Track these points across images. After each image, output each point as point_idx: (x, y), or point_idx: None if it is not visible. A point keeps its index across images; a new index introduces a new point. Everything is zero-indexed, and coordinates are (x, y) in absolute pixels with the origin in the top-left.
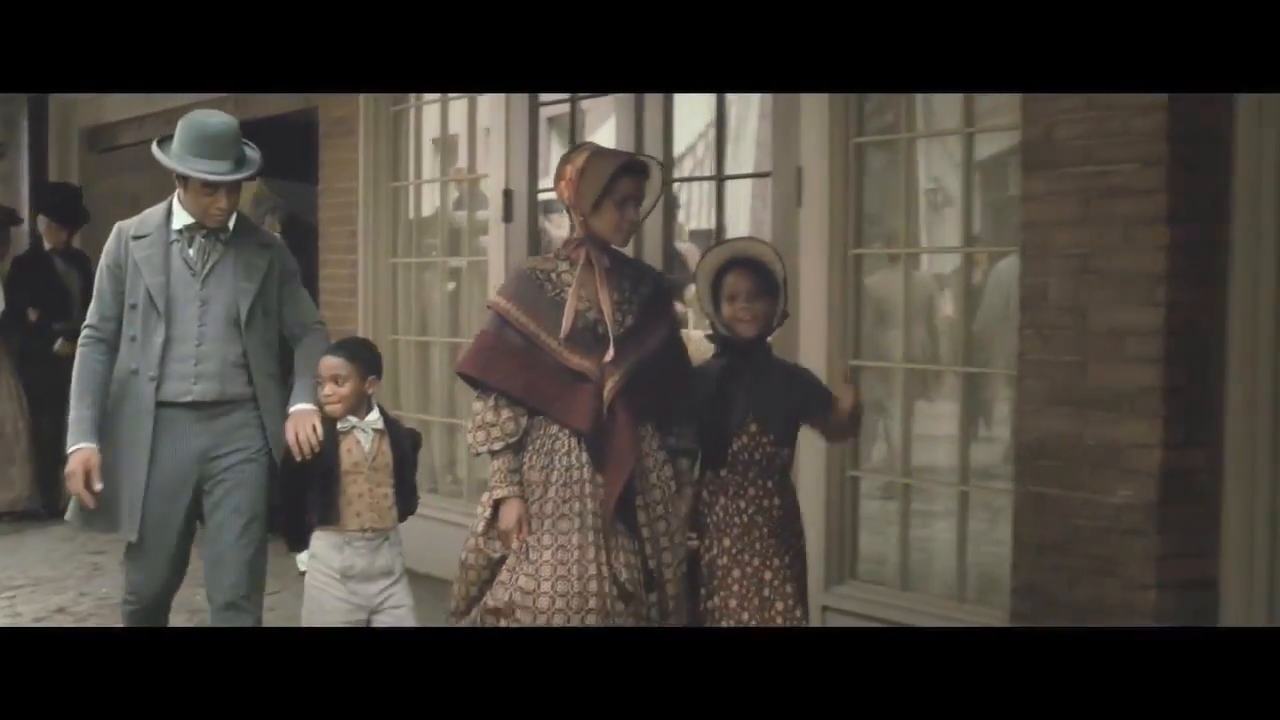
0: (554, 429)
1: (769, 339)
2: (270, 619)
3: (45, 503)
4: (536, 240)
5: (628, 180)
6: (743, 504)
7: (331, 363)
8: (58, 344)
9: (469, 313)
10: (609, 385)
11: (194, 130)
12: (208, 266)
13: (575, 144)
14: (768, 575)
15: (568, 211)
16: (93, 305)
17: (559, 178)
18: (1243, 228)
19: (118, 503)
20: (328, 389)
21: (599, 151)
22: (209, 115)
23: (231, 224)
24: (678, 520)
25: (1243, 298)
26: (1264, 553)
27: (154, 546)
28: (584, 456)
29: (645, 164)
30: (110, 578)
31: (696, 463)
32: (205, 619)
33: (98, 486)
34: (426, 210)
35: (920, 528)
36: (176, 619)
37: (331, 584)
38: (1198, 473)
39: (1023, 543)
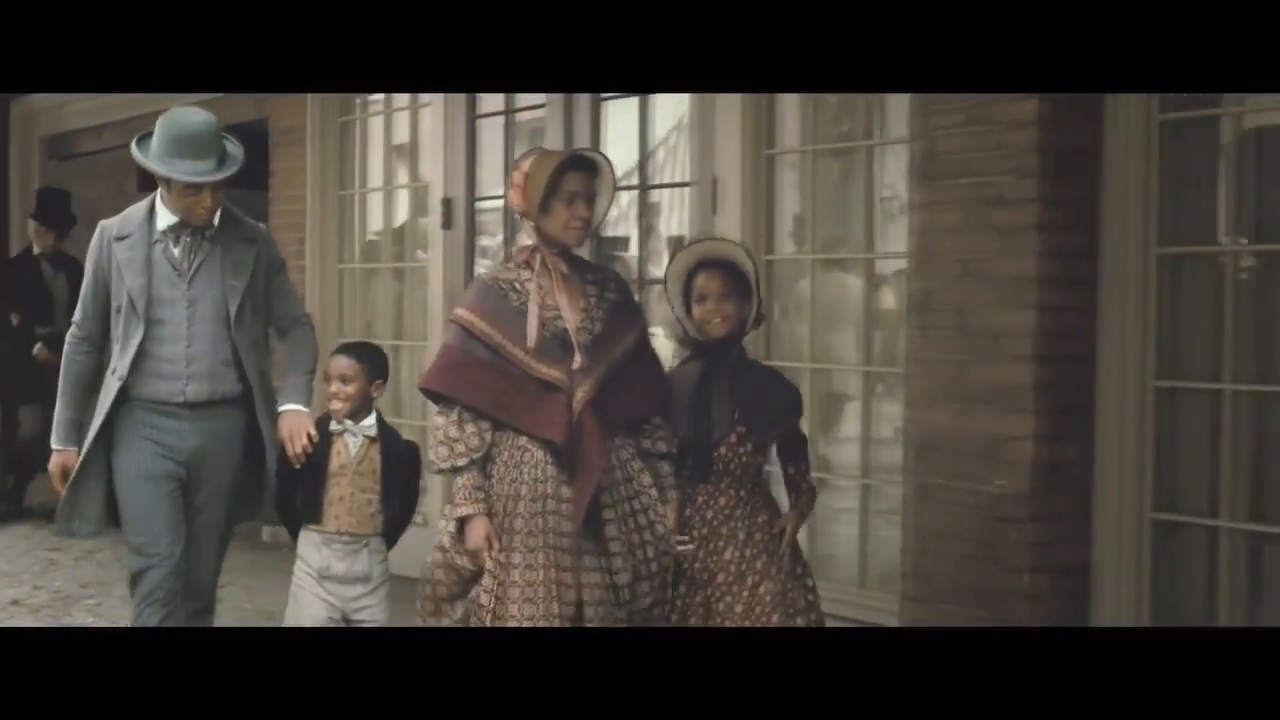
0: (523, 441)
1: (744, 342)
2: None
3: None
4: (474, 247)
5: (575, 176)
6: (709, 515)
7: (341, 363)
8: (36, 348)
9: (411, 316)
10: (579, 394)
11: (173, 129)
12: (194, 266)
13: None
14: (710, 589)
15: (520, 218)
16: (79, 304)
17: (509, 185)
18: (1111, 235)
19: (98, 501)
20: (334, 387)
21: (545, 153)
22: (188, 114)
23: (216, 219)
24: (664, 528)
25: (1112, 300)
26: (1132, 539)
27: (151, 524)
28: (551, 470)
29: (591, 159)
30: (65, 572)
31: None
32: None
33: None
34: (373, 217)
35: (831, 521)
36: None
37: (310, 582)
38: (1069, 465)
39: (911, 530)
